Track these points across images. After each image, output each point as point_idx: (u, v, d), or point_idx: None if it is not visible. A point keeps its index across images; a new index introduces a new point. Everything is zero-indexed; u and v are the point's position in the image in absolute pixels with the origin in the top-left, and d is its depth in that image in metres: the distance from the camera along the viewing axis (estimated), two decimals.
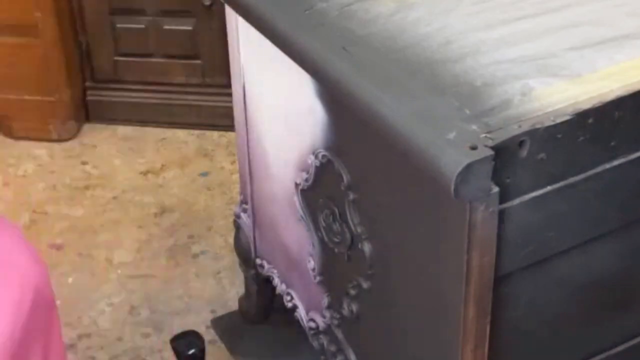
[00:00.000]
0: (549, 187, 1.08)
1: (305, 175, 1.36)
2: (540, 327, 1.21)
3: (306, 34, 1.22)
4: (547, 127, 1.03)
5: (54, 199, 2.40)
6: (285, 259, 1.55)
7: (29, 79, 2.53)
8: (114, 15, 2.56)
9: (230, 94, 1.60)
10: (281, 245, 1.55)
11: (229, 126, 2.03)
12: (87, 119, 2.70)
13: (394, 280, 1.23)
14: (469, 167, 0.96)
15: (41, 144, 2.60)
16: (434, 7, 1.28)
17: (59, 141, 2.61)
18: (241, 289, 1.84)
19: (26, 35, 2.47)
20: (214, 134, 2.62)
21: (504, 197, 1.03)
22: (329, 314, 1.42)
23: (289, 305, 1.56)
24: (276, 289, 1.61)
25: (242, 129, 1.58)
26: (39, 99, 2.56)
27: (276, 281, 1.61)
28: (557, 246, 1.14)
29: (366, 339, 1.36)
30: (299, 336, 1.54)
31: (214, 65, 2.56)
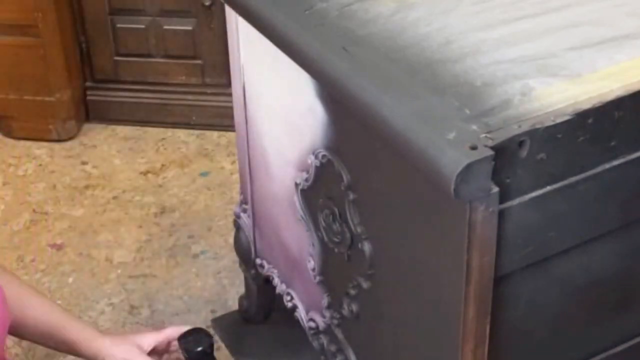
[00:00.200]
0: (548, 187, 1.08)
1: (305, 175, 1.36)
2: (540, 327, 1.20)
3: (306, 34, 1.21)
4: (547, 127, 1.03)
5: (53, 198, 2.40)
6: (285, 259, 1.55)
7: (29, 79, 2.53)
8: (114, 15, 2.56)
9: (230, 94, 1.60)
10: (281, 245, 1.55)
11: (229, 126, 2.03)
12: (87, 119, 2.70)
13: (394, 280, 1.23)
14: (469, 167, 0.96)
15: (41, 144, 2.60)
16: (434, 7, 1.28)
17: (59, 141, 2.61)
18: (241, 289, 1.84)
19: (26, 35, 2.47)
20: (214, 134, 2.62)
21: (504, 197, 1.03)
22: (329, 314, 1.42)
23: (289, 305, 1.56)
24: (276, 289, 1.61)
25: (242, 129, 1.58)
26: (39, 99, 2.56)
27: (276, 281, 1.61)
28: (557, 246, 1.13)
29: (366, 339, 1.36)
30: (299, 336, 1.54)
31: (214, 65, 2.56)
